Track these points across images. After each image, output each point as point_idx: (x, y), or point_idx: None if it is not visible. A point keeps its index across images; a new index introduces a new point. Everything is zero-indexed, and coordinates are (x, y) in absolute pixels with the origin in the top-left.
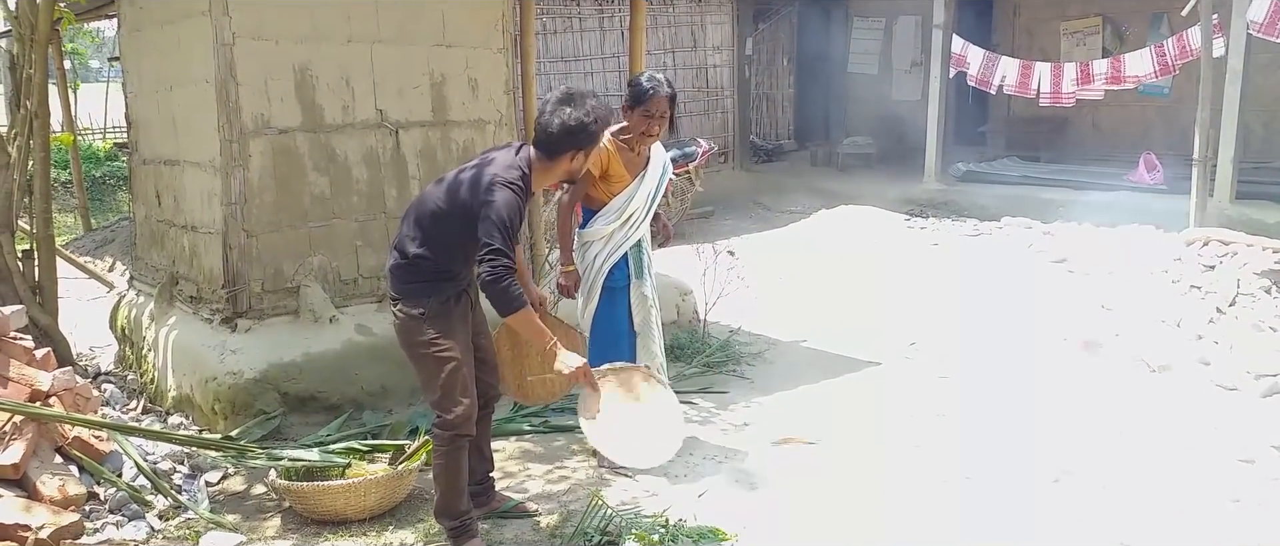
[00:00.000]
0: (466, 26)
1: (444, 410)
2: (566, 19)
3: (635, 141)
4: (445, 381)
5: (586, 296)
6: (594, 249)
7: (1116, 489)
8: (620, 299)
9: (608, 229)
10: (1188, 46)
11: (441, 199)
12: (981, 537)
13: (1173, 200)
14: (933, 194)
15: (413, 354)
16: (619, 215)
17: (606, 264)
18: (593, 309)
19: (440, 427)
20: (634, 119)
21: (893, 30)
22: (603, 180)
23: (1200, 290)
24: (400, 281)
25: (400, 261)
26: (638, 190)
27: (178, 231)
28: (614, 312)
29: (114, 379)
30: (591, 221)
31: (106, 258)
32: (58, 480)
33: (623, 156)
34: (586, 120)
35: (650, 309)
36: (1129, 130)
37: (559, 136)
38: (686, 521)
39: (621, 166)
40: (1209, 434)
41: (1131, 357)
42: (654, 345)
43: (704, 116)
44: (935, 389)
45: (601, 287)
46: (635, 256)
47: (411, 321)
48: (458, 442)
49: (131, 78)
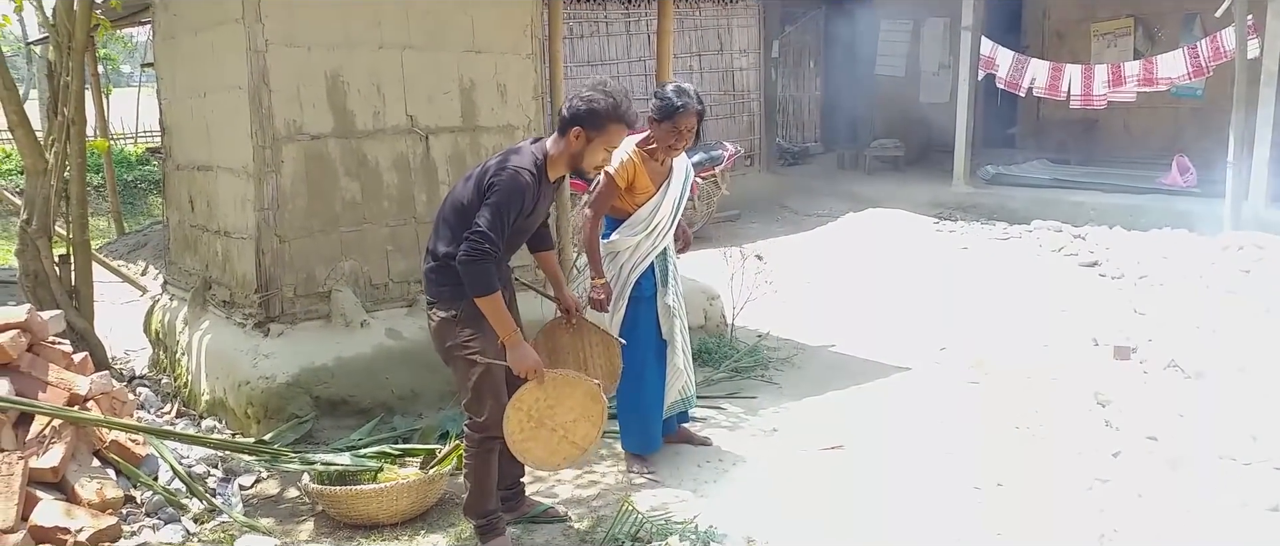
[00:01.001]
0: (495, 32)
1: (475, 412)
2: (593, 22)
3: (660, 153)
4: (477, 385)
5: (613, 307)
6: (621, 259)
7: (1152, 497)
8: (648, 309)
9: (634, 239)
10: (1222, 48)
11: (466, 193)
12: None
13: (1206, 203)
14: (961, 197)
15: (447, 356)
16: (645, 226)
17: (634, 274)
18: (619, 319)
19: (472, 429)
20: (660, 132)
21: (921, 32)
22: (629, 192)
23: (1236, 295)
24: (434, 284)
25: (433, 264)
26: (663, 200)
27: (211, 236)
28: (641, 322)
29: (149, 382)
30: (616, 232)
31: (139, 262)
32: (96, 483)
33: (648, 168)
34: (593, 100)
35: (675, 318)
36: (1161, 132)
37: (568, 116)
38: (717, 527)
39: (647, 178)
40: (1247, 442)
41: (1166, 363)
42: (678, 357)
43: (730, 120)
44: (966, 394)
45: (628, 298)
46: (661, 266)
47: (446, 324)
48: (488, 445)
49: (165, 84)
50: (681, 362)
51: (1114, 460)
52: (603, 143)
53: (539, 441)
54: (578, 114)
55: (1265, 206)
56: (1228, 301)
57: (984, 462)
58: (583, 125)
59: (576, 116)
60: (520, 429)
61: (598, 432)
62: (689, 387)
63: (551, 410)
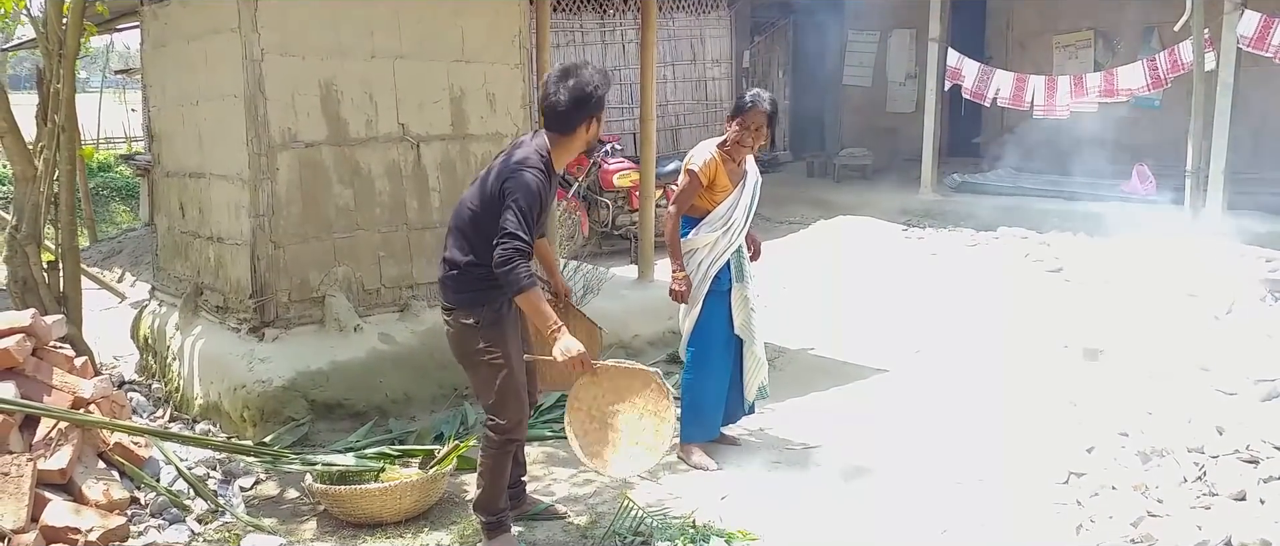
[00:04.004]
0: (485, 43)
1: (499, 416)
2: (569, 32)
3: (735, 151)
4: (501, 388)
5: (692, 301)
6: (699, 256)
7: (1125, 488)
8: (722, 303)
9: (712, 236)
10: (1179, 60)
11: (475, 201)
12: (996, 536)
13: (1165, 210)
14: (929, 204)
15: (467, 362)
16: (723, 222)
17: (711, 270)
18: (696, 313)
19: (494, 431)
20: (734, 131)
21: (887, 43)
22: (709, 189)
23: (1196, 298)
24: (453, 291)
25: (450, 272)
26: (739, 199)
27: (202, 243)
28: (717, 317)
29: (138, 388)
30: (696, 230)
31: (116, 268)
32: (102, 484)
33: (727, 167)
34: (590, 86)
35: (751, 312)
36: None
37: (570, 108)
38: (713, 523)
39: (726, 177)
40: (1212, 435)
41: (1132, 364)
42: (758, 347)
43: (703, 129)
44: (943, 395)
45: (706, 293)
46: (737, 262)
47: (466, 331)
48: (507, 447)
49: (154, 91)
50: (760, 352)
51: (1088, 455)
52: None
53: (608, 444)
54: (588, 102)
55: (1222, 213)
56: (1188, 304)
57: (964, 459)
58: (592, 114)
59: (584, 108)
60: (585, 432)
61: (671, 430)
62: (766, 379)
63: (613, 407)
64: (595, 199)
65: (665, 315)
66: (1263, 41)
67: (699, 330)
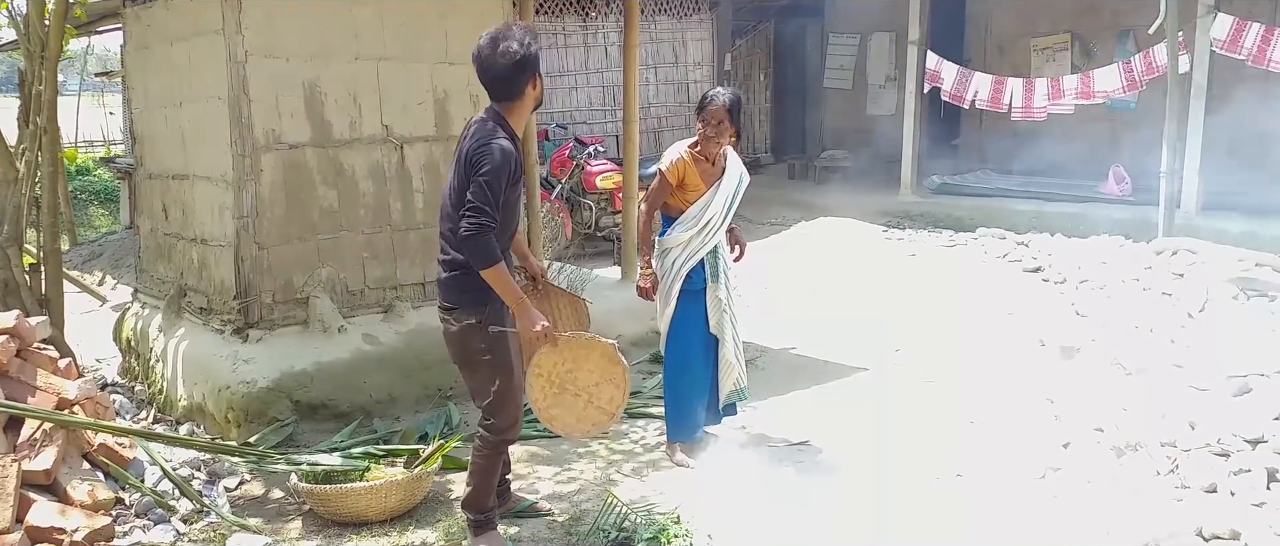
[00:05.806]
0: (469, 44)
1: (495, 416)
2: (551, 35)
3: (704, 150)
4: (499, 389)
5: (664, 300)
6: (672, 255)
7: (1101, 482)
8: (697, 302)
9: (685, 235)
10: (1154, 63)
11: (456, 197)
12: (976, 531)
13: (1141, 211)
14: (909, 206)
15: (466, 362)
16: (696, 222)
17: (684, 268)
18: (670, 312)
19: (490, 431)
20: (701, 128)
21: (867, 46)
22: (680, 189)
23: (1171, 297)
24: (453, 292)
25: (452, 273)
26: (713, 198)
27: (186, 244)
28: (692, 316)
29: (121, 389)
30: (670, 229)
31: (96, 271)
32: (87, 485)
33: (698, 166)
34: (524, 46)
35: (724, 312)
36: (1097, 144)
37: (512, 73)
38: (695, 518)
39: (697, 176)
40: (1185, 430)
41: (1108, 361)
42: (728, 350)
43: (685, 131)
44: (923, 392)
45: (679, 292)
46: (711, 262)
47: (465, 331)
48: (501, 448)
49: (137, 93)
50: (732, 355)
51: (1064, 450)
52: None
53: (564, 407)
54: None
55: (1196, 213)
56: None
57: (943, 455)
58: (534, 72)
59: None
60: (543, 395)
61: (623, 396)
62: (741, 380)
63: (572, 374)
64: (578, 200)
65: (648, 315)
66: (1235, 44)
67: (674, 329)
